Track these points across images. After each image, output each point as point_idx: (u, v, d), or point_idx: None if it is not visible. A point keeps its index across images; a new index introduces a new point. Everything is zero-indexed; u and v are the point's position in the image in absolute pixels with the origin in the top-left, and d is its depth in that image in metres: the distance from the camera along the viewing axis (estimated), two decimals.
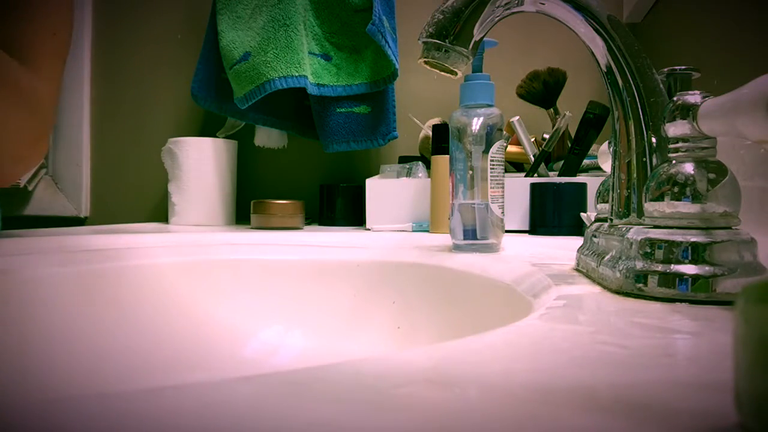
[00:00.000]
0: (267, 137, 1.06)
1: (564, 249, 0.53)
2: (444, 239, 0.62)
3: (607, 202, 0.40)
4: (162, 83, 1.20)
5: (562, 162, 0.82)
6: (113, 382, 0.49)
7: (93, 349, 0.50)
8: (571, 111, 0.84)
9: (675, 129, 0.29)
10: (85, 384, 0.47)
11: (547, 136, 0.86)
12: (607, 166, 0.41)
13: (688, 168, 0.28)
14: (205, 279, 0.60)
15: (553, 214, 0.75)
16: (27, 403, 0.13)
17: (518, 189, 0.78)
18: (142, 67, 1.21)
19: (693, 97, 0.29)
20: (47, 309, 0.49)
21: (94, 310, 0.52)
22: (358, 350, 0.54)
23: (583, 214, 0.68)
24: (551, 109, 0.89)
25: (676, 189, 0.28)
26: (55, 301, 0.50)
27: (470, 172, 0.50)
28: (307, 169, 1.13)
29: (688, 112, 0.28)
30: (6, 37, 0.55)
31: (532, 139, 0.88)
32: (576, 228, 0.72)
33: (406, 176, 0.88)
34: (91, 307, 0.52)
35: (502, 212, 0.52)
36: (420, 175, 0.87)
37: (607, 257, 0.32)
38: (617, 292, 0.30)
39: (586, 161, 0.82)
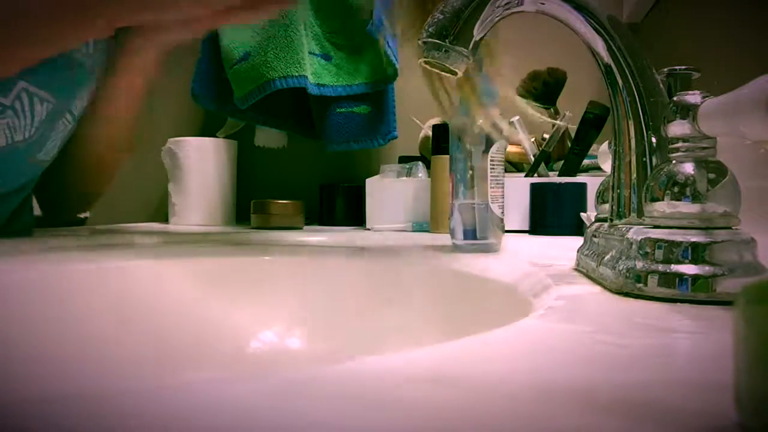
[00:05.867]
0: (267, 137, 1.06)
1: (564, 249, 0.53)
2: (444, 239, 0.61)
3: (607, 202, 0.40)
4: (162, 83, 1.20)
5: (562, 162, 0.82)
6: (113, 382, 0.49)
7: (93, 349, 0.50)
8: (571, 111, 0.84)
9: (675, 129, 0.29)
10: (85, 384, 0.47)
11: (547, 136, 0.86)
12: (607, 166, 0.41)
13: (688, 168, 0.28)
14: (205, 279, 0.60)
15: (553, 214, 0.75)
16: (27, 403, 0.13)
17: (518, 189, 0.78)
18: None
19: (693, 97, 0.29)
20: (46, 308, 0.49)
21: (93, 310, 0.51)
22: (359, 350, 0.54)
23: (583, 214, 0.68)
24: (551, 109, 0.89)
25: (676, 189, 0.28)
26: (55, 301, 0.50)
27: (470, 172, 0.50)
28: (307, 169, 1.13)
29: (688, 112, 0.28)
30: None
31: (532, 139, 0.88)
32: (576, 228, 0.72)
33: (406, 176, 0.88)
34: (90, 306, 0.52)
35: (502, 212, 0.52)
36: (420, 175, 0.87)
37: (607, 257, 0.32)
38: (617, 292, 0.30)
39: (586, 161, 0.82)
